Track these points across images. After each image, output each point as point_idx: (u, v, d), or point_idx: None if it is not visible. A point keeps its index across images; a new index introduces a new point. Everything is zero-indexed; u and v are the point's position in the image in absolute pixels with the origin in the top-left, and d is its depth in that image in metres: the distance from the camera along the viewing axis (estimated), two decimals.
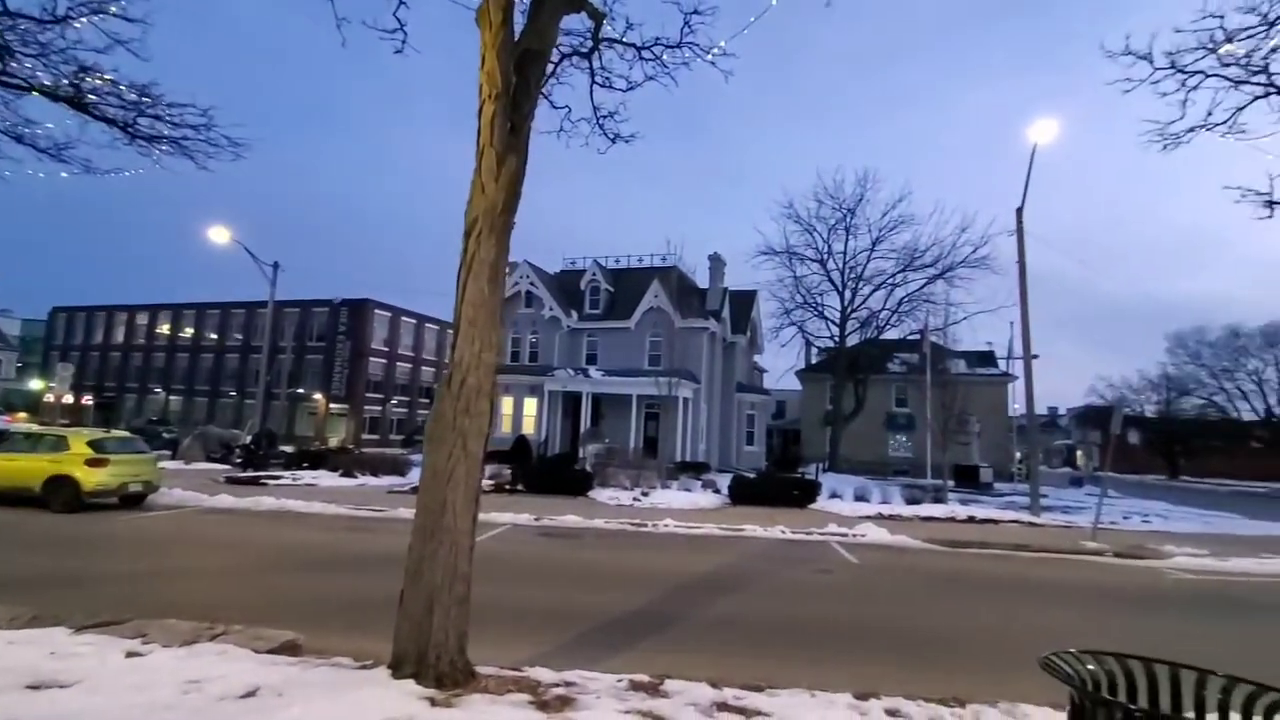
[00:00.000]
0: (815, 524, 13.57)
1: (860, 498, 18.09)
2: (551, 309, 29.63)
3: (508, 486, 17.86)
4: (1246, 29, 7.61)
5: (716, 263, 30.86)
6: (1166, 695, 2.31)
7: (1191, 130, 8.42)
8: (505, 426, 28.28)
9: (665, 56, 6.69)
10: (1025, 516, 16.53)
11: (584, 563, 9.71)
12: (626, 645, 5.76)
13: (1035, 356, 20.70)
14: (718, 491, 18.08)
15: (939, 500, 18.06)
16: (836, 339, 31.90)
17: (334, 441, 39.98)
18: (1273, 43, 7.60)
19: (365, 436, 44.22)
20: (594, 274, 30.79)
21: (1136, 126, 8.91)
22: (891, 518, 15.48)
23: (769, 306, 34.06)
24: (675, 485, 18.88)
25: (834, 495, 18.22)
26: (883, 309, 31.27)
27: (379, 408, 48.24)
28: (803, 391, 41.20)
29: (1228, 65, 7.88)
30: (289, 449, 25.52)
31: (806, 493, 17.05)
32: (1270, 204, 8.36)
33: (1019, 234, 17.60)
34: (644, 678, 4.59)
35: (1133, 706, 2.18)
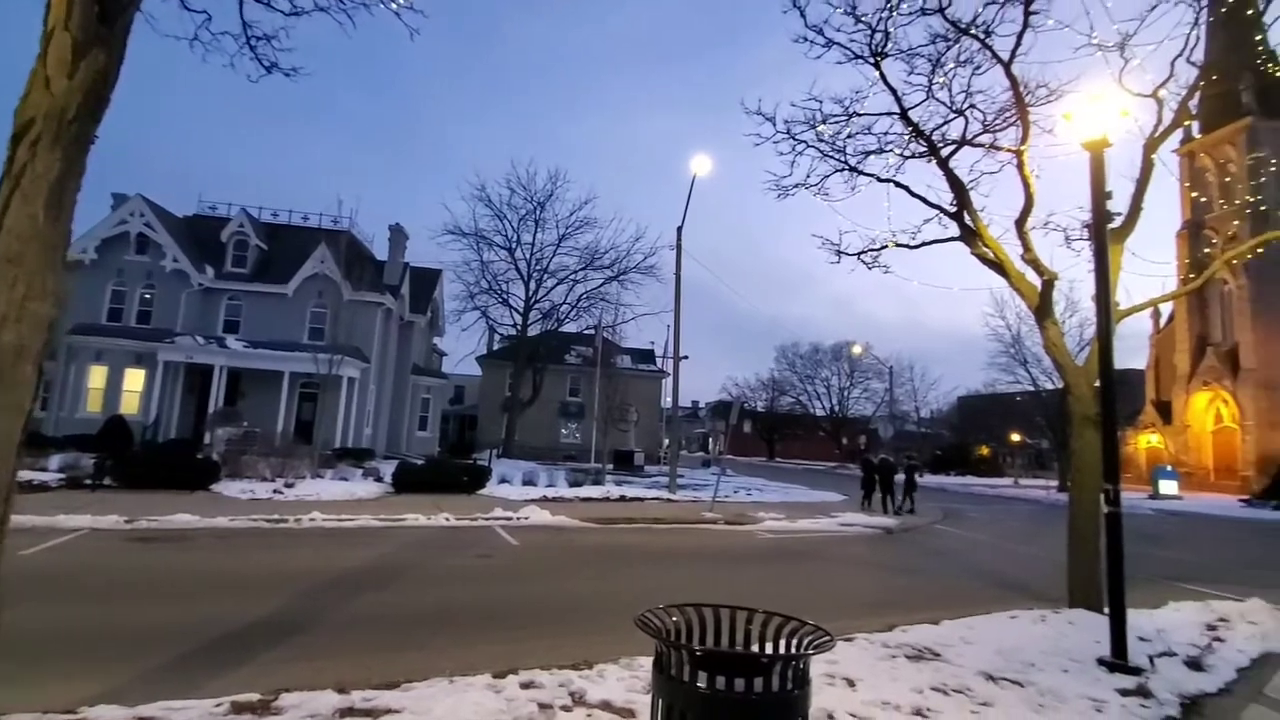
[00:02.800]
0: (481, 509, 13.64)
1: (528, 482, 18.82)
2: (176, 260, 23.71)
3: (88, 481, 13.94)
4: (835, 116, 9.90)
5: (398, 235, 28.92)
6: (726, 634, 2.81)
7: (796, 186, 10.63)
8: (92, 404, 22.15)
9: None
10: (665, 494, 19.13)
11: (193, 570, 8.09)
12: (240, 661, 4.94)
13: (685, 357, 24.04)
14: (380, 480, 16.93)
15: (598, 482, 19.81)
16: (519, 327, 32.73)
17: None
18: (848, 131, 10.01)
19: None
20: (242, 225, 25.93)
21: (763, 174, 10.96)
22: (555, 500, 16.43)
23: (453, 288, 33.31)
24: (330, 475, 17.11)
25: (503, 480, 18.60)
26: (564, 303, 33.14)
27: None
28: (483, 377, 41.28)
29: (821, 141, 10.15)
30: None
31: (476, 479, 17.06)
32: (838, 253, 10.97)
33: (678, 249, 20.36)
34: (253, 696, 3.96)
35: (697, 647, 2.60)
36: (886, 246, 9.93)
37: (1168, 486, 34.49)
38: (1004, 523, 19.41)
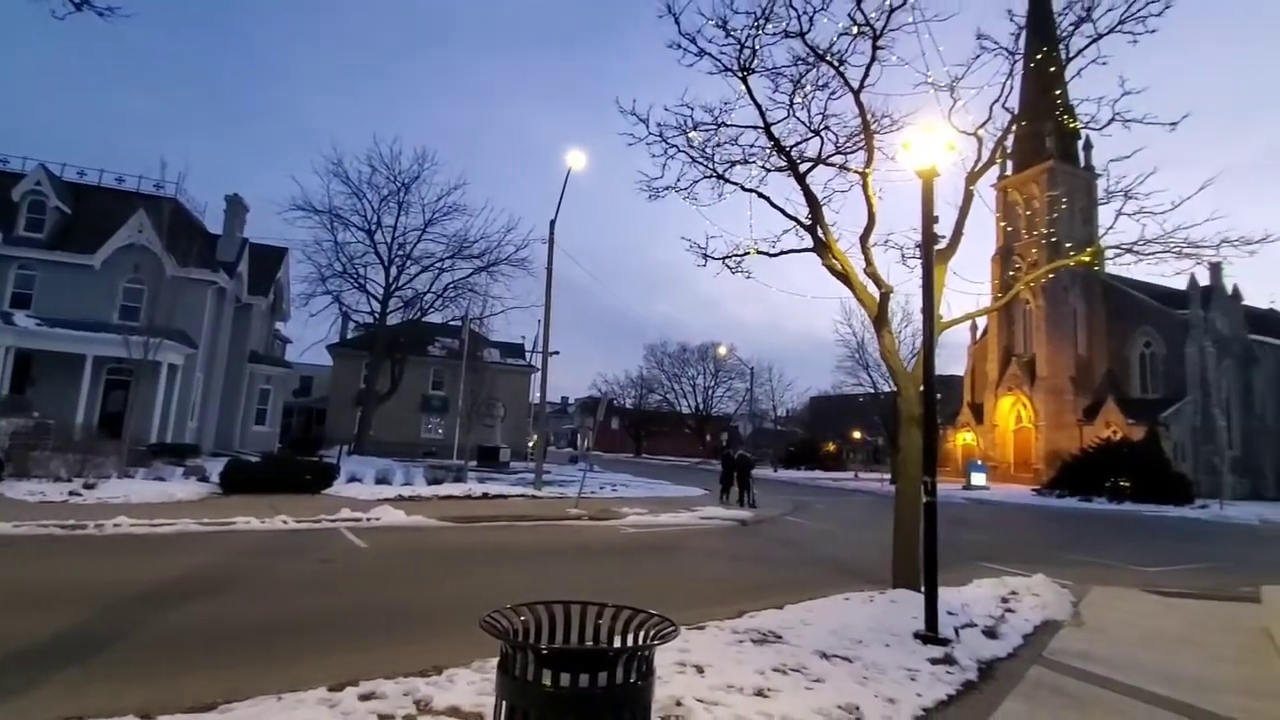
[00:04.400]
0: (326, 511, 12.64)
1: (382, 480, 17.73)
2: None
3: None
4: (705, 124, 10.21)
5: (236, 206, 26.07)
6: (576, 631, 2.78)
7: (667, 188, 10.87)
8: None
9: None
10: (530, 491, 18.84)
11: None
12: (26, 687, 4.18)
13: (555, 353, 23.81)
14: (205, 479, 15.17)
15: (460, 480, 19.10)
16: (378, 315, 30.73)
17: None
18: (717, 140, 10.38)
19: None
20: (39, 183, 22.18)
21: (636, 174, 11.09)
22: (412, 499, 15.62)
23: (301, 269, 30.59)
24: (143, 474, 15.06)
25: (354, 479, 17.38)
26: (428, 291, 31.56)
27: None
28: (334, 368, 38.34)
29: (691, 147, 10.43)
30: None
31: (321, 477, 15.78)
32: (705, 256, 11.34)
33: (550, 243, 20.12)
34: None
35: (543, 646, 2.55)
36: (749, 253, 10.44)
37: (978, 478, 39.39)
38: (844, 513, 21.18)
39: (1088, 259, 10.11)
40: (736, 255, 10.53)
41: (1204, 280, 42.84)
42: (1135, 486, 31.79)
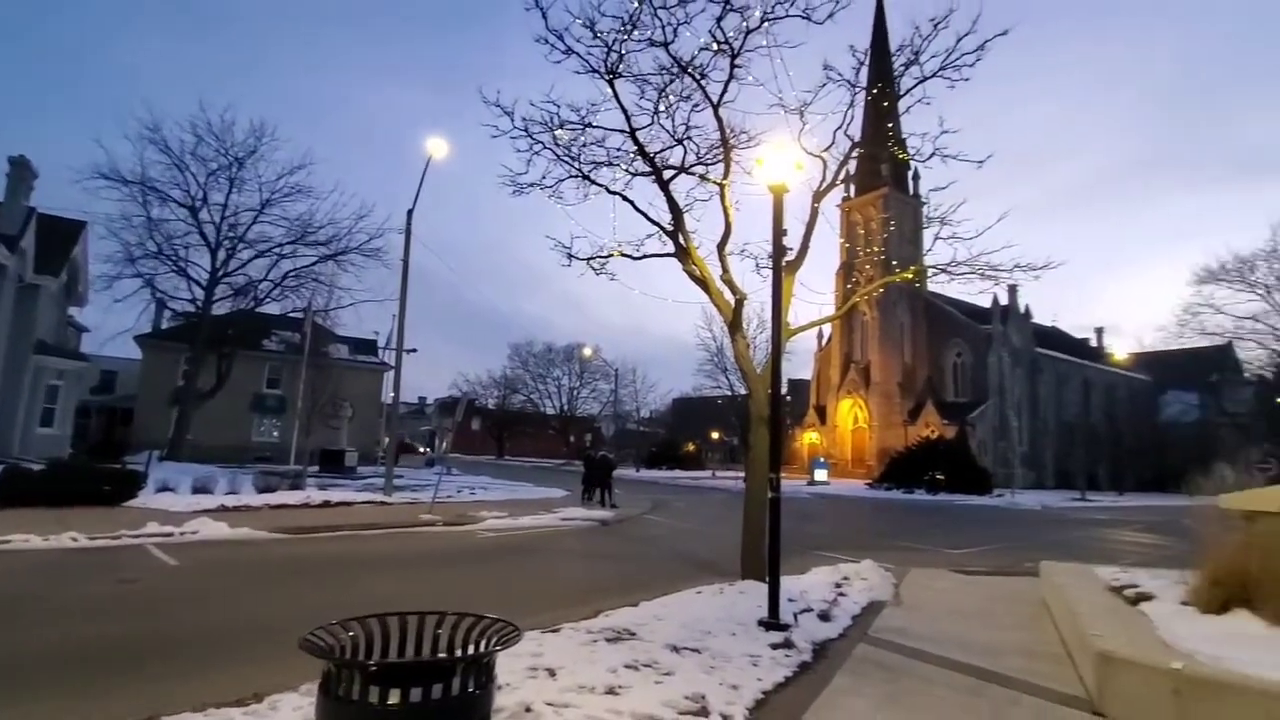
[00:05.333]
0: (130, 525, 11.02)
1: (201, 489, 15.79)
2: None
3: None
4: (571, 123, 10.14)
5: (21, 171, 22.02)
6: (413, 643, 2.60)
7: (532, 185, 10.67)
8: None
9: None
10: (379, 497, 17.69)
11: None
12: None
13: (412, 350, 22.64)
14: None
15: (297, 487, 17.50)
16: (201, 303, 27.24)
17: None
18: (583, 140, 10.35)
19: None
20: None
21: (501, 168, 10.77)
22: (237, 509, 14.07)
23: (105, 247, 26.31)
24: None
25: (166, 488, 15.32)
26: (264, 279, 28.47)
27: None
28: (145, 361, 33.56)
29: (557, 145, 10.32)
30: None
31: (123, 487, 13.75)
32: (569, 256, 11.25)
33: (407, 233, 19.04)
34: None
35: (371, 662, 2.35)
36: (613, 255, 10.52)
37: (820, 475, 42.70)
38: (701, 510, 22.03)
39: (912, 276, 11.30)
40: (601, 256, 10.58)
41: (1004, 300, 49.67)
42: (948, 479, 36.12)
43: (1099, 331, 64.70)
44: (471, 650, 2.59)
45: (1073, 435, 53.12)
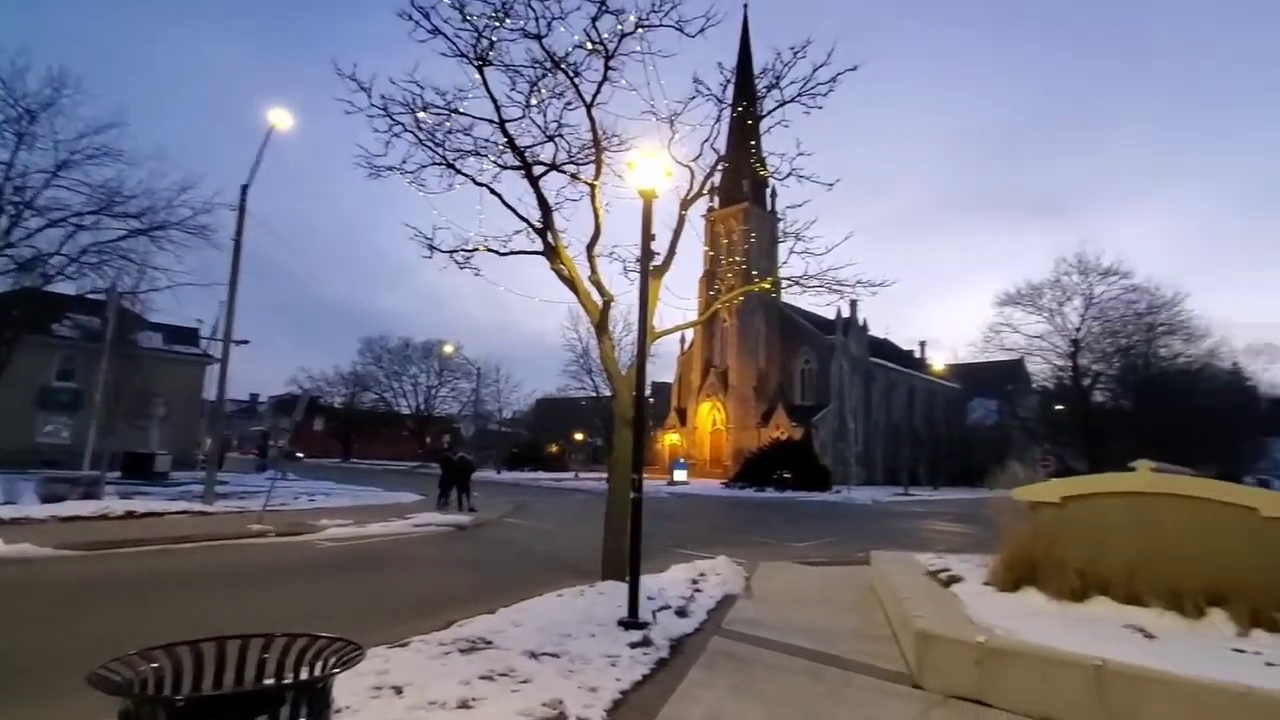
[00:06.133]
0: None
1: None
2: None
3: None
4: (436, 107, 9.64)
5: None
6: (233, 670, 2.29)
7: (391, 169, 10.01)
8: None
9: None
10: (198, 506, 15.74)
11: None
12: None
13: (244, 342, 20.39)
14: None
15: (92, 495, 15.10)
16: None
17: None
18: (449, 126, 9.88)
19: None
20: None
21: (356, 148, 9.98)
22: (15, 522, 11.90)
23: None
24: None
25: None
26: (58, 253, 24.23)
27: None
28: None
29: (420, 128, 9.76)
30: None
31: None
32: (431, 248, 10.67)
33: (241, 211, 17.11)
34: None
35: (179, 697, 2.04)
36: (478, 249, 10.15)
37: (680, 475, 44.17)
38: (564, 511, 21.91)
39: (768, 287, 11.99)
40: (465, 250, 10.16)
41: (846, 313, 54.40)
42: (795, 477, 38.84)
43: (922, 344, 72.78)
44: (305, 674, 2.33)
45: (899, 436, 59.50)
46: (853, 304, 52.41)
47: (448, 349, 63.97)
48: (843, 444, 51.55)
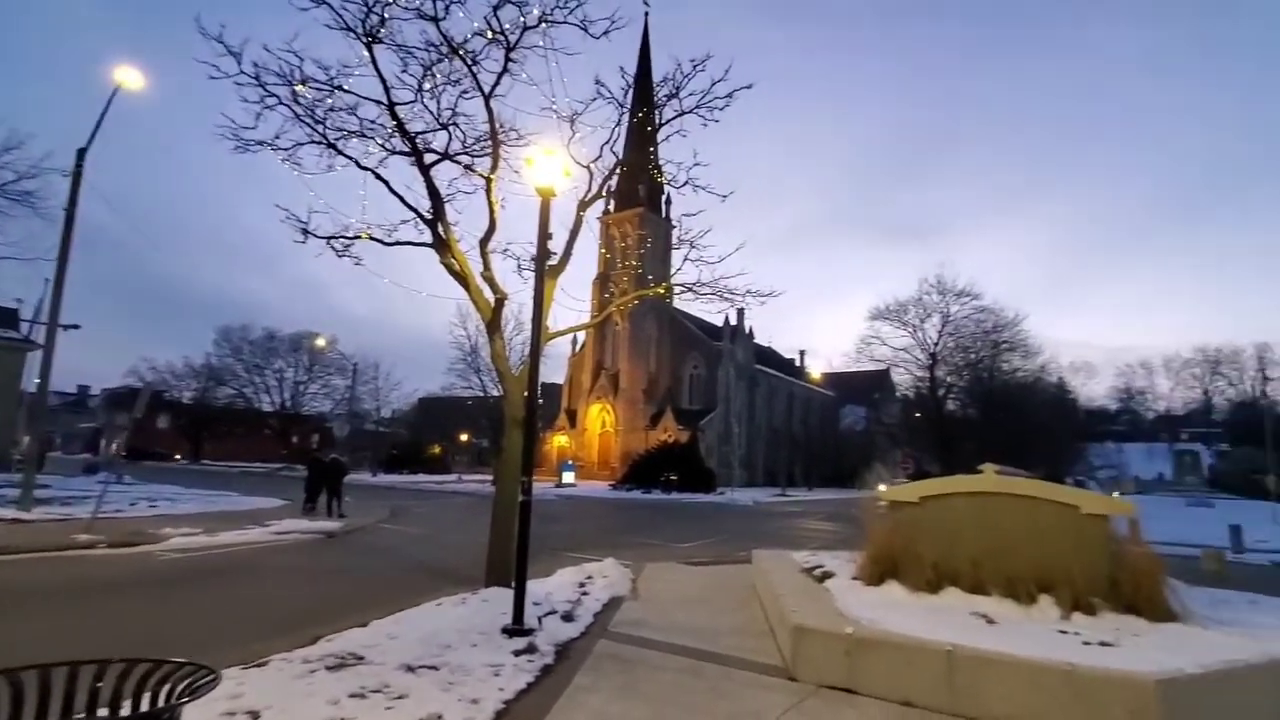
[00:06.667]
0: None
1: None
2: None
3: None
4: (317, 81, 8.97)
5: None
6: (60, 702, 1.97)
7: (262, 144, 9.18)
8: None
9: None
10: (12, 513, 13.64)
11: None
12: None
13: (74, 326, 18.03)
14: None
15: None
16: None
17: None
18: (331, 102, 9.22)
19: None
20: None
21: (218, 116, 9.07)
22: None
23: None
24: None
25: None
26: None
27: None
28: None
29: (298, 102, 9.03)
30: None
31: None
32: (305, 232, 9.88)
33: (75, 177, 14.98)
34: None
35: None
36: (360, 237, 9.54)
37: (568, 477, 43.89)
38: (445, 516, 21.08)
39: (663, 292, 12.19)
40: (345, 237, 9.51)
41: (734, 320, 56.50)
42: (681, 479, 39.78)
43: (802, 354, 76.93)
44: (147, 705, 2.05)
45: (778, 440, 62.62)
46: (740, 312, 54.58)
47: (320, 342, 59.70)
48: (727, 447, 53.47)
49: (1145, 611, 5.47)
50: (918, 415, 46.17)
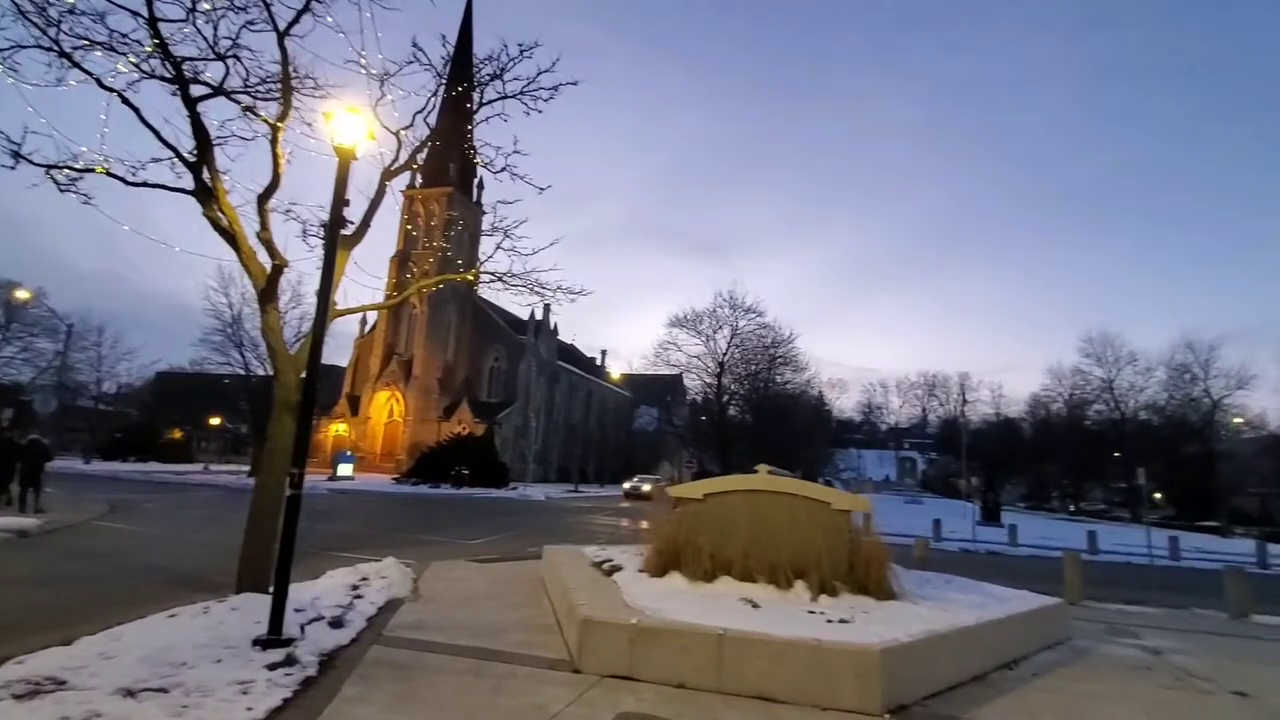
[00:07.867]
0: None
1: None
2: None
3: None
4: None
5: None
6: None
7: None
8: None
9: None
10: None
11: None
12: None
13: None
14: None
15: None
16: None
17: None
18: (71, 4, 7.41)
19: None
20: None
21: None
22: None
23: None
24: None
25: None
26: None
27: None
28: None
29: None
30: None
31: None
32: (17, 156, 7.82)
33: None
34: None
35: None
36: (94, 170, 7.79)
37: (345, 469, 40.24)
38: (185, 511, 18.11)
39: (471, 278, 11.68)
40: (73, 168, 7.71)
41: (539, 315, 56.24)
42: (474, 473, 38.56)
43: (604, 353, 79.04)
44: None
45: (575, 436, 63.69)
46: (546, 308, 54.47)
47: (21, 294, 47.66)
48: (524, 442, 53.06)
49: (874, 592, 6.46)
50: (704, 418, 49.98)
